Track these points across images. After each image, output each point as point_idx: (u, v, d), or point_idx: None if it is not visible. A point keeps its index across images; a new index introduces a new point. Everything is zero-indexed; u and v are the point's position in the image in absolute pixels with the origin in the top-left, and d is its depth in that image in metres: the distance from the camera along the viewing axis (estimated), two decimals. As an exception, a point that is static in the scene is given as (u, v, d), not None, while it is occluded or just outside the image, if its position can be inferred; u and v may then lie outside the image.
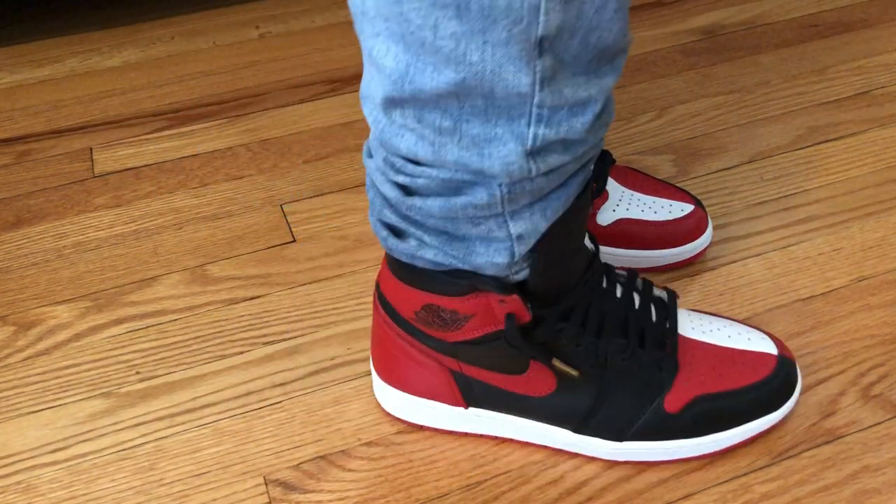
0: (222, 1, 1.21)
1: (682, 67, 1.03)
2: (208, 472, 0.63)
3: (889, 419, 0.65)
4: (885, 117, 0.94)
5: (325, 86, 1.03)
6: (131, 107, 1.01)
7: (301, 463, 0.64)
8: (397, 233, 0.56)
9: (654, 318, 0.61)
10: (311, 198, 0.87)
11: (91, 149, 0.95)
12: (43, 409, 0.68)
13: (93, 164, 0.93)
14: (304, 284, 0.78)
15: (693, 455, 0.61)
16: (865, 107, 0.95)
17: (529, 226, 0.52)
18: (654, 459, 0.61)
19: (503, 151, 0.48)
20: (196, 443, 0.65)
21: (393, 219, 0.55)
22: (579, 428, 0.61)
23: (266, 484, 0.62)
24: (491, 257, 0.54)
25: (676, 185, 0.84)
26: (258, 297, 0.77)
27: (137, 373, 0.71)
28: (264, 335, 0.73)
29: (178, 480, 0.63)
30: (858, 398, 0.66)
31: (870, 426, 0.64)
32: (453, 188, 0.51)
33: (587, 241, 0.59)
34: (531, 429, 0.62)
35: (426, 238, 0.54)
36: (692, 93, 0.99)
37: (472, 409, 0.63)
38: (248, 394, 0.69)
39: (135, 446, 0.65)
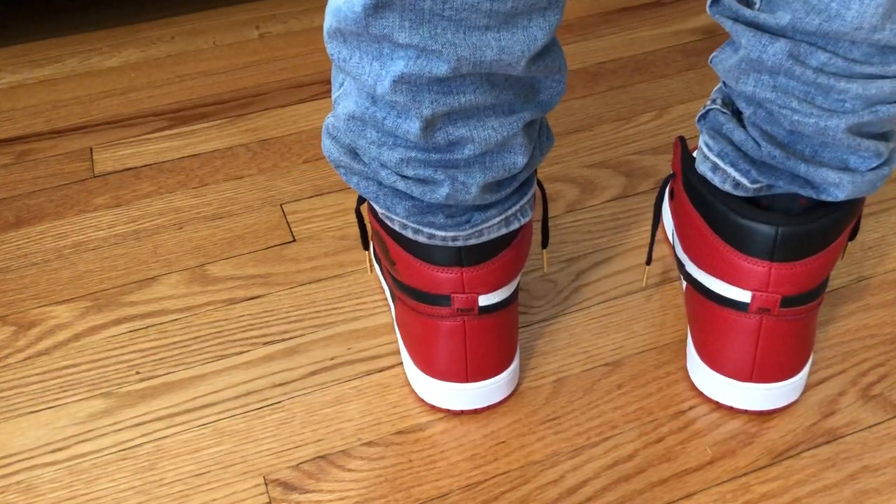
0: (222, 1, 1.21)
1: (682, 67, 1.03)
2: (208, 472, 0.64)
3: (889, 419, 0.65)
4: (885, 117, 0.94)
5: (326, 86, 1.03)
6: (131, 107, 1.01)
7: (301, 463, 0.64)
8: None
9: None
10: (310, 197, 0.87)
11: (91, 149, 0.95)
12: (43, 409, 0.68)
13: (93, 164, 0.93)
14: (304, 284, 0.78)
15: None
16: (865, 107, 0.95)
17: None
18: None
19: None
20: (196, 443, 0.65)
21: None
22: None
23: (266, 484, 0.62)
24: None
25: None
26: (258, 297, 0.77)
27: (137, 373, 0.71)
28: (264, 335, 0.73)
29: (178, 480, 0.63)
30: (858, 398, 0.66)
31: (870, 426, 0.64)
32: None
33: None
34: None
35: None
36: (692, 93, 0.99)
37: None
38: (248, 394, 0.69)
39: (135, 446, 0.65)
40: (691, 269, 0.66)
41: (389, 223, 0.60)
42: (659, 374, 0.69)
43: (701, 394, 0.67)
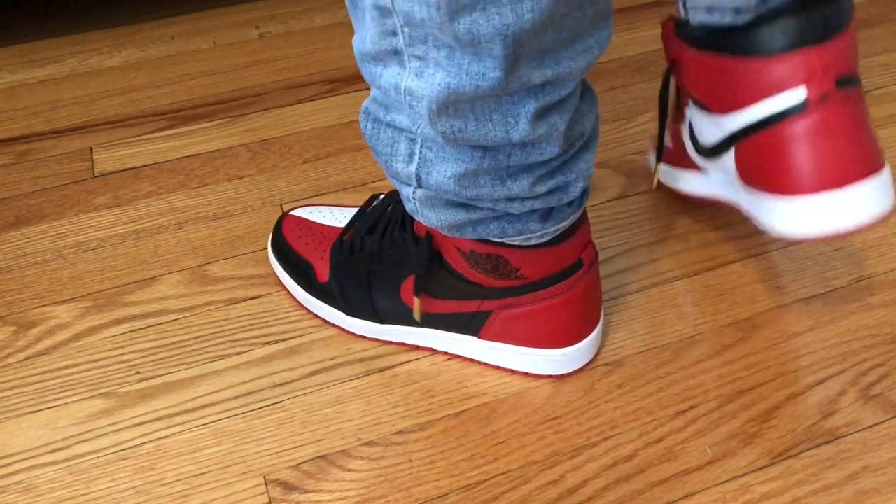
0: (222, 1, 1.21)
1: (682, 67, 1.03)
2: (208, 472, 0.64)
3: (889, 419, 0.65)
4: (885, 117, 0.94)
5: (325, 86, 1.03)
6: (131, 107, 1.01)
7: (301, 463, 0.64)
8: None
9: None
10: (310, 197, 0.87)
11: (91, 149, 0.95)
12: (43, 409, 0.68)
13: (93, 164, 0.93)
14: (304, 284, 0.78)
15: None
16: (865, 107, 0.95)
17: None
18: None
19: None
20: (196, 443, 0.65)
21: None
22: None
23: (266, 484, 0.62)
24: None
25: None
26: (258, 297, 0.77)
27: (137, 373, 0.71)
28: (264, 335, 0.73)
29: (178, 480, 0.63)
30: (858, 398, 0.66)
31: (870, 426, 0.64)
32: None
33: None
34: None
35: None
36: (692, 93, 0.99)
37: None
38: (248, 394, 0.69)
39: (135, 446, 0.65)
40: (733, 122, 0.62)
41: (510, 241, 0.61)
42: (659, 374, 0.69)
43: (701, 393, 0.67)
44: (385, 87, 0.52)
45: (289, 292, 0.75)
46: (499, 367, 0.69)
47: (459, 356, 0.70)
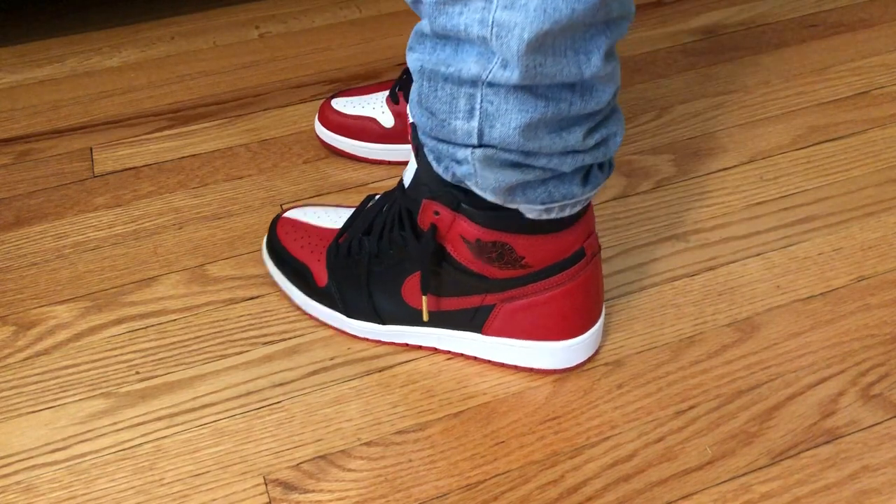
0: (222, 1, 1.21)
1: (682, 67, 1.03)
2: (208, 472, 0.64)
3: (889, 419, 0.65)
4: (884, 117, 0.94)
5: (325, 86, 1.03)
6: (131, 107, 1.01)
7: (301, 463, 0.64)
8: None
9: None
10: (310, 198, 0.87)
11: (91, 149, 0.95)
12: (43, 409, 0.68)
13: (93, 164, 0.93)
14: (304, 284, 0.78)
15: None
16: (865, 107, 0.95)
17: None
18: None
19: None
20: (196, 443, 0.65)
21: None
22: None
23: (266, 484, 0.62)
24: None
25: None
26: (258, 297, 0.77)
27: (137, 373, 0.71)
28: (264, 335, 0.73)
29: (178, 480, 0.63)
30: (858, 398, 0.66)
31: (870, 426, 0.64)
32: None
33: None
34: None
35: None
36: (692, 93, 0.99)
37: None
38: (248, 394, 0.69)
39: (135, 446, 0.65)
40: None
41: (547, 215, 0.61)
42: (659, 373, 0.69)
43: (701, 393, 0.67)
44: (463, 24, 0.51)
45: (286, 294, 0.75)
46: (501, 364, 0.69)
47: (460, 355, 0.70)
